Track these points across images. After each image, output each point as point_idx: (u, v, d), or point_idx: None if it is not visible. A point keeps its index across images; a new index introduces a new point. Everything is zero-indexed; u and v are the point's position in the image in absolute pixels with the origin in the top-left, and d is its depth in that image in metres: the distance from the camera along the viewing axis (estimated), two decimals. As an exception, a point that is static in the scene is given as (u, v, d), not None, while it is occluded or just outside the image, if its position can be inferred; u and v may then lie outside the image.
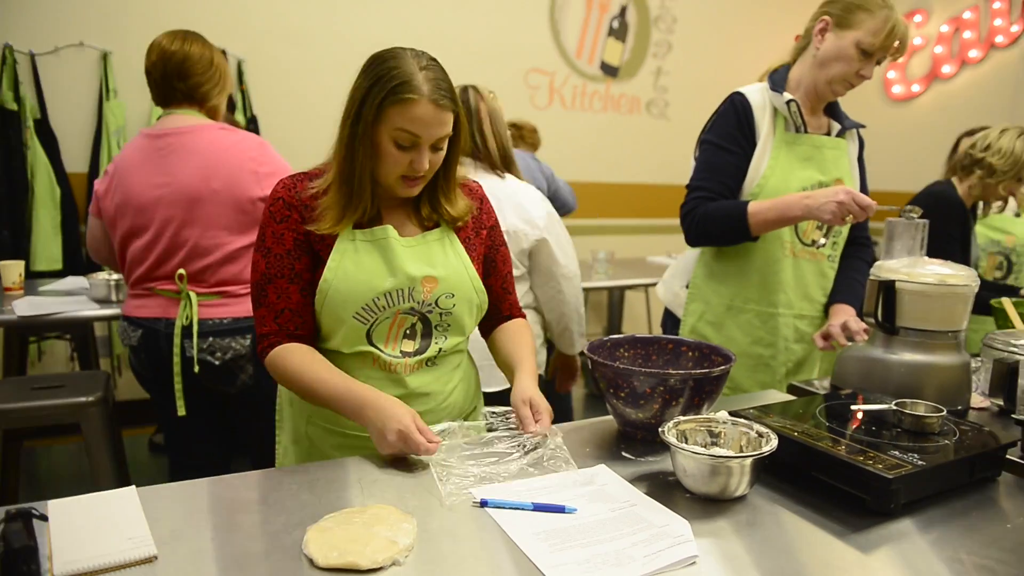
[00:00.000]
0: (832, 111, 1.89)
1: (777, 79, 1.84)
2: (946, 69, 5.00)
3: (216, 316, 1.89)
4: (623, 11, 4.87)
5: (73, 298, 2.60)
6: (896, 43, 1.67)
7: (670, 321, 2.04)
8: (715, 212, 1.78)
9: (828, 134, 1.88)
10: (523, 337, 1.46)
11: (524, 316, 1.53)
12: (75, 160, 3.53)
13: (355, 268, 1.26)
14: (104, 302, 2.53)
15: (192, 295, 1.87)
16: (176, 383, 1.89)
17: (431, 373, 1.35)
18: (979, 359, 1.61)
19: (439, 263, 1.32)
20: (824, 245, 1.86)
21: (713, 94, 5.76)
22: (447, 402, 1.38)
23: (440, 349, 1.35)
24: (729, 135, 1.81)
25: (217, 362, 1.90)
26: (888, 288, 1.46)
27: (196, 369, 1.88)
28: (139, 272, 1.90)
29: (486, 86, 2.20)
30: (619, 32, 4.89)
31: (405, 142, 1.21)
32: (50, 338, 3.48)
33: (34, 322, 2.34)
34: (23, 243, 3.33)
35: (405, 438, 1.13)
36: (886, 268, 1.50)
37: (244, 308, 1.92)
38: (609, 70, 4.91)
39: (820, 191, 1.66)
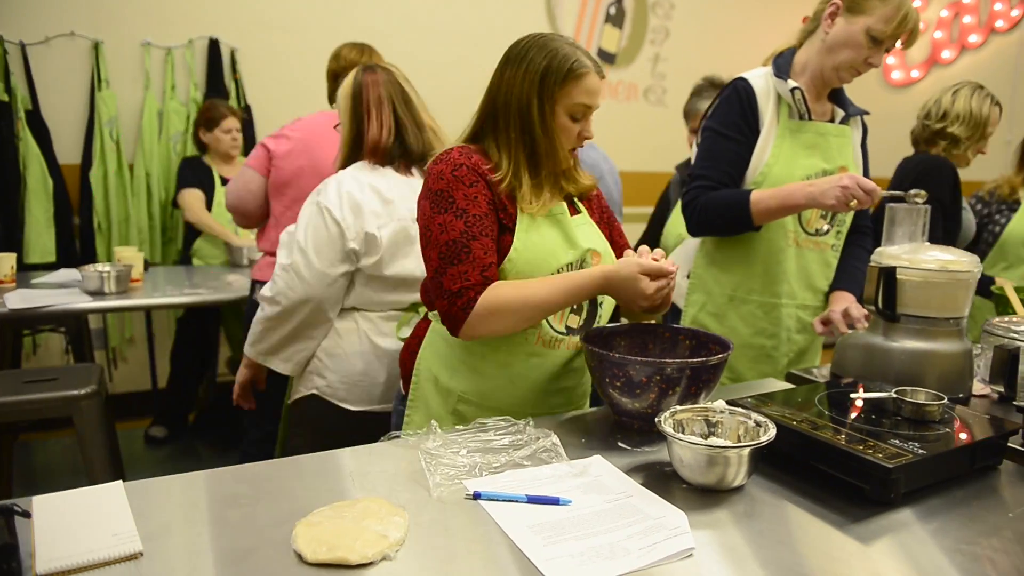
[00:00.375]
0: (836, 97, 1.86)
1: (782, 64, 1.81)
2: (946, 54, 4.97)
3: None
4: (620, -3, 4.83)
5: (66, 290, 2.58)
6: (907, 31, 1.64)
7: (671, 311, 2.01)
8: (717, 201, 1.75)
9: (832, 120, 1.84)
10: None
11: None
12: (67, 151, 3.50)
13: (540, 240, 1.33)
14: (97, 294, 2.51)
15: None
16: None
17: (579, 359, 1.42)
18: (980, 346, 1.60)
19: (597, 238, 1.43)
20: (828, 232, 1.84)
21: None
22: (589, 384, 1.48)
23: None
24: (732, 123, 1.78)
25: None
26: (889, 275, 1.44)
27: None
28: None
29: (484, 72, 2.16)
30: (616, 18, 4.85)
31: (579, 113, 1.33)
32: (44, 331, 3.46)
33: (26, 315, 2.32)
34: (15, 235, 3.30)
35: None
36: (887, 254, 1.48)
37: None
38: (606, 57, 4.87)
39: (823, 179, 1.64)
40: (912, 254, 1.45)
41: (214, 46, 3.71)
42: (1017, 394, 1.37)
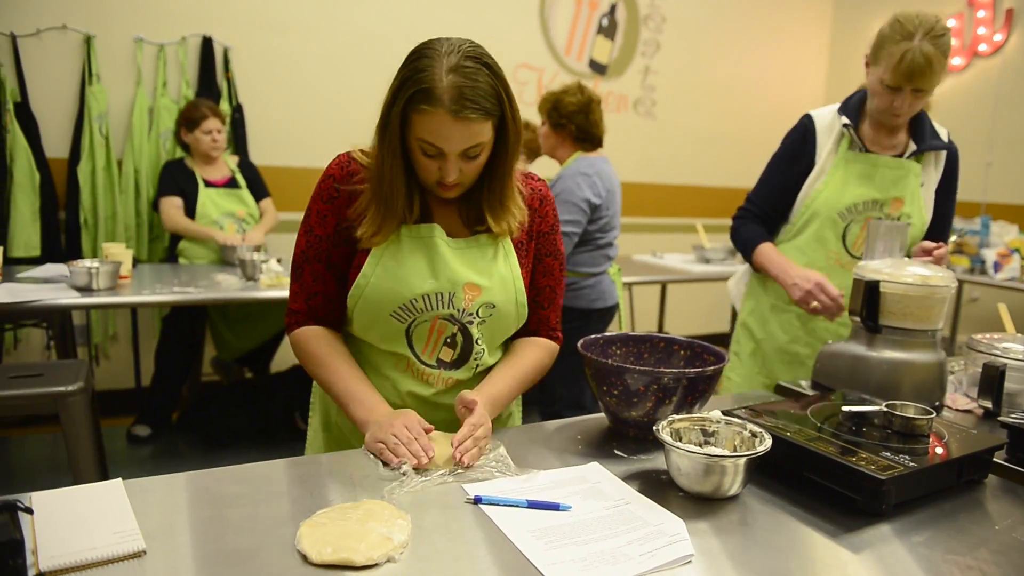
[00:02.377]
0: (917, 131, 1.91)
1: (851, 101, 1.94)
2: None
3: None
4: (612, 9, 4.87)
5: (51, 285, 2.55)
6: (911, 75, 1.70)
7: (735, 314, 2.27)
8: (741, 235, 2.03)
9: (902, 155, 1.91)
10: (525, 355, 1.35)
11: (557, 340, 1.42)
12: (56, 145, 3.47)
13: (396, 265, 1.22)
14: (85, 290, 2.49)
15: None
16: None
17: (453, 392, 1.30)
18: (962, 361, 1.64)
19: (485, 270, 1.26)
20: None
21: (700, 94, 5.82)
22: None
23: (477, 366, 1.30)
24: (788, 155, 1.98)
25: None
26: (872, 288, 1.50)
27: None
28: None
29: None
30: (608, 30, 4.89)
31: (430, 152, 1.16)
32: (26, 326, 3.41)
33: (11, 309, 2.29)
34: (0, 229, 3.27)
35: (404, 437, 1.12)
36: (869, 269, 1.54)
37: None
38: (597, 68, 4.91)
39: (805, 272, 1.83)
40: (893, 269, 1.51)
41: (207, 44, 3.70)
42: (1003, 410, 1.41)
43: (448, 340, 1.27)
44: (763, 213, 2.01)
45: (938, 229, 1.95)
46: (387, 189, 1.19)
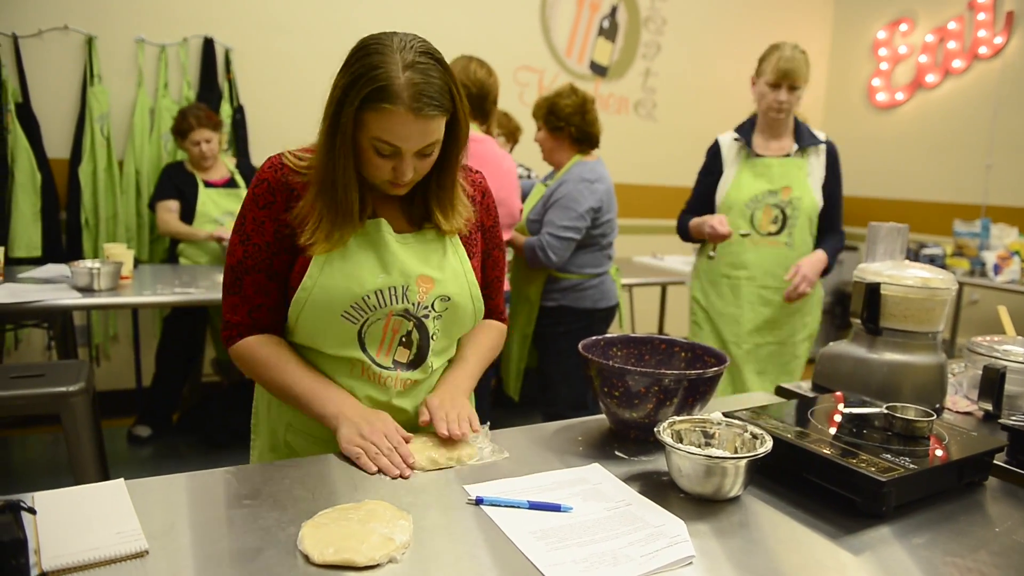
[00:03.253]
0: (797, 133, 2.62)
1: (745, 123, 2.67)
2: (930, 78, 5.07)
3: None
4: (613, 11, 4.88)
5: (53, 286, 2.56)
6: (784, 73, 2.45)
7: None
8: (680, 224, 2.77)
9: (788, 155, 2.59)
10: (482, 336, 1.40)
11: (505, 321, 1.50)
12: (57, 146, 3.47)
13: (343, 263, 1.17)
14: (86, 290, 2.49)
15: None
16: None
17: (422, 395, 1.28)
18: (963, 363, 1.64)
19: (436, 263, 1.24)
20: (780, 233, 2.59)
21: (700, 96, 5.82)
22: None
23: (434, 364, 1.28)
24: (705, 169, 2.75)
25: None
26: (873, 290, 1.50)
27: None
28: None
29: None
30: (609, 32, 4.90)
31: (385, 151, 1.13)
32: (27, 326, 3.42)
33: (12, 310, 2.30)
34: (1, 229, 3.27)
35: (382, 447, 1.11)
36: (870, 271, 1.54)
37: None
38: (598, 69, 4.92)
39: (709, 217, 2.56)
40: (894, 271, 1.51)
41: (209, 45, 3.71)
42: (1003, 412, 1.41)
43: (403, 339, 1.24)
44: (695, 212, 2.72)
45: (829, 211, 2.60)
46: (341, 194, 1.15)
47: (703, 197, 2.70)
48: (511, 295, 2.85)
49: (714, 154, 2.69)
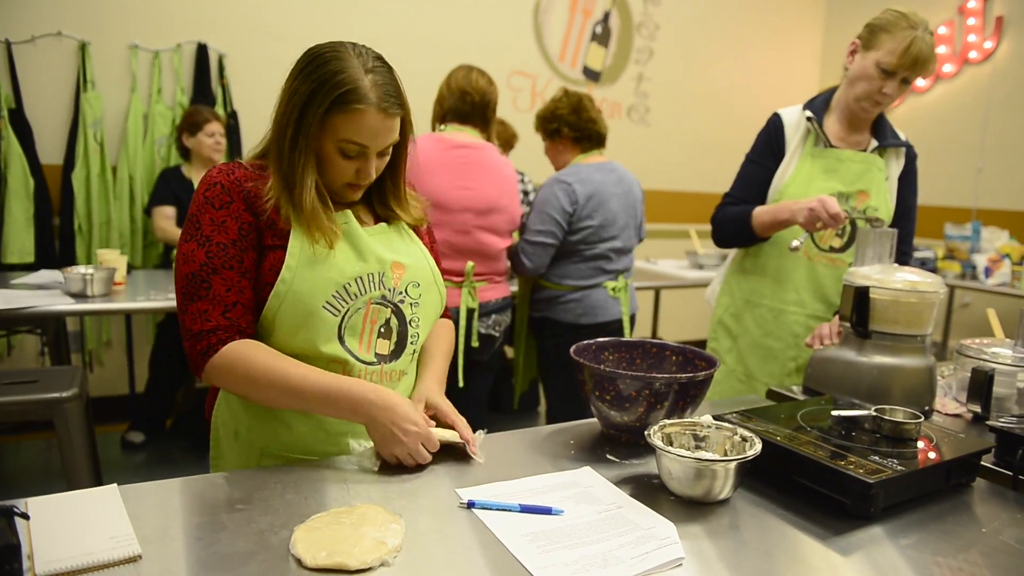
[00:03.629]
0: (878, 128, 2.00)
1: (817, 99, 2.04)
2: (920, 83, 5.10)
3: (490, 298, 2.41)
4: (606, 16, 4.90)
5: (46, 292, 2.55)
6: (913, 61, 1.77)
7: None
8: (727, 216, 2.05)
9: (865, 150, 1.98)
10: (443, 337, 1.44)
11: (449, 317, 1.52)
12: (50, 151, 3.47)
13: (316, 255, 1.17)
14: (79, 296, 2.49)
15: (475, 284, 2.35)
16: (460, 358, 2.34)
17: (400, 386, 1.30)
18: (952, 366, 1.66)
19: (403, 251, 1.29)
20: (844, 250, 1.98)
21: (693, 101, 5.85)
22: None
23: (415, 352, 1.31)
24: (760, 150, 2.07)
25: (496, 334, 2.44)
26: (862, 294, 1.52)
27: (475, 343, 2.37)
28: None
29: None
30: (602, 37, 4.92)
31: (351, 152, 1.17)
32: (20, 332, 3.41)
33: (5, 316, 2.29)
34: (-6, 235, 3.27)
35: (417, 442, 1.13)
36: (859, 275, 1.56)
37: (503, 290, 2.49)
38: (591, 74, 4.94)
39: (804, 200, 1.81)
40: (883, 275, 1.53)
41: (202, 51, 3.71)
42: (991, 414, 1.43)
43: (382, 330, 1.23)
44: (741, 203, 2.05)
45: (903, 220, 2.01)
46: (298, 191, 1.17)
47: (755, 186, 2.04)
48: (518, 303, 2.76)
49: (774, 132, 2.04)
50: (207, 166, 3.42)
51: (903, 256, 1.99)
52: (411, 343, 1.28)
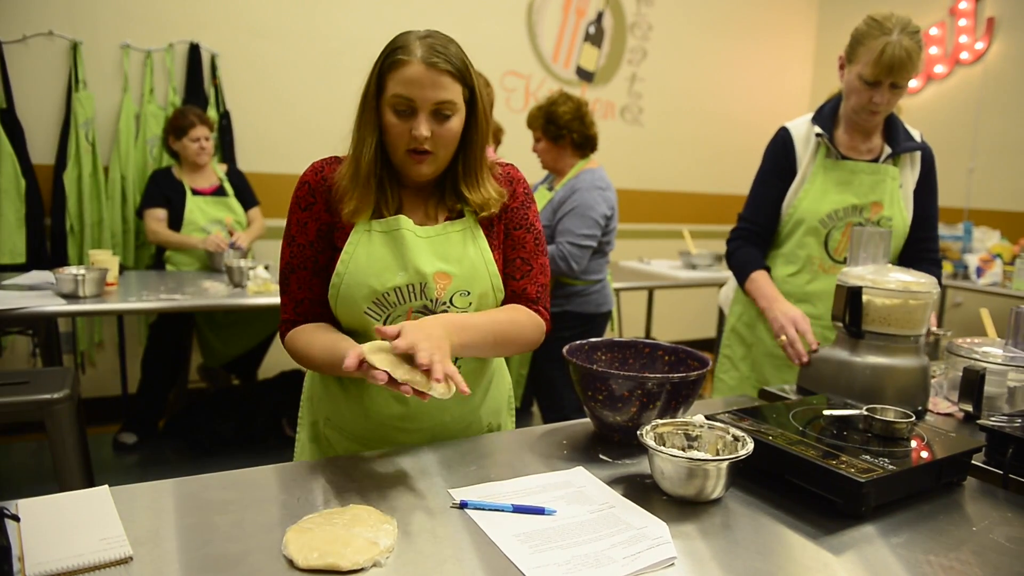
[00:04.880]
0: (891, 133, 1.95)
1: (825, 109, 1.99)
2: (912, 83, 5.12)
3: None
4: (600, 17, 4.91)
5: (37, 292, 2.54)
6: (890, 69, 1.73)
7: (722, 319, 2.27)
8: (736, 259, 2.03)
9: (877, 159, 1.94)
10: (503, 311, 1.29)
11: (542, 314, 1.36)
12: (41, 152, 3.45)
13: (367, 260, 1.22)
14: (71, 297, 2.48)
15: None
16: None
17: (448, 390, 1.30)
18: (943, 365, 1.66)
19: (455, 257, 1.26)
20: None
21: (686, 101, 5.86)
22: (462, 421, 1.35)
23: (458, 362, 1.28)
24: (770, 169, 2.02)
25: None
26: (855, 294, 1.52)
27: None
28: None
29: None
30: (595, 38, 4.92)
31: (402, 107, 1.19)
32: (11, 333, 3.39)
33: (-3, 316, 2.28)
34: (-15, 236, 3.25)
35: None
36: (853, 275, 1.56)
37: None
38: (585, 75, 4.94)
39: (787, 310, 1.77)
40: (876, 275, 1.53)
41: (194, 51, 3.70)
42: (982, 413, 1.44)
43: None
44: (758, 228, 2.02)
45: (922, 228, 1.96)
46: (365, 163, 1.22)
47: (767, 206, 2.00)
48: None
49: (783, 149, 1.99)
50: (195, 169, 3.41)
51: (933, 266, 1.94)
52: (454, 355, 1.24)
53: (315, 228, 1.26)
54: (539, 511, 1.01)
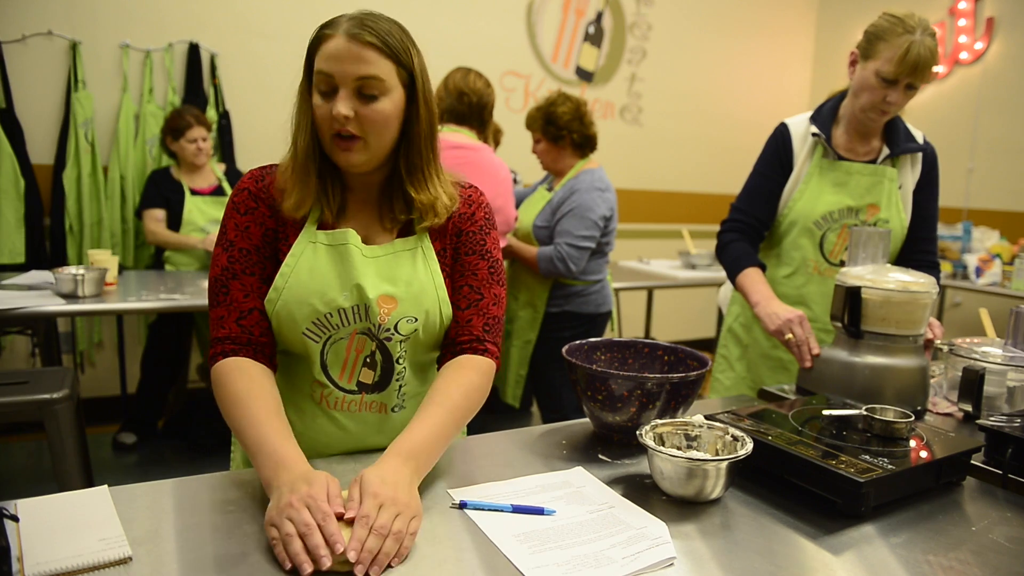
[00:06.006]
0: (891, 134, 1.91)
1: (824, 109, 1.94)
2: (912, 83, 5.13)
3: None
4: (599, 17, 4.91)
5: (36, 292, 2.54)
6: (912, 68, 1.69)
7: (721, 319, 2.25)
8: (726, 254, 1.98)
9: (875, 160, 1.91)
10: (451, 387, 1.14)
11: (487, 353, 1.21)
12: (41, 151, 3.45)
13: (309, 276, 1.13)
14: (70, 297, 2.48)
15: None
16: None
17: (387, 422, 1.21)
18: (943, 365, 1.66)
19: (403, 279, 1.16)
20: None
21: (685, 101, 5.86)
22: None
23: (401, 387, 1.20)
24: (767, 162, 1.98)
25: None
26: (854, 294, 1.52)
27: None
28: None
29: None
30: (595, 37, 4.93)
31: (323, 86, 1.10)
32: (11, 333, 3.39)
33: (-4, 316, 2.28)
34: (-16, 236, 3.25)
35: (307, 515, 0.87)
36: (852, 275, 1.56)
37: None
38: (584, 75, 4.94)
39: (785, 311, 1.71)
40: (875, 275, 1.53)
41: (194, 50, 3.70)
42: (982, 413, 1.44)
43: (368, 360, 1.17)
44: (750, 220, 1.98)
45: (921, 229, 1.93)
46: (301, 152, 1.14)
47: (761, 200, 1.97)
48: (510, 301, 2.86)
49: (781, 144, 1.96)
50: (193, 169, 3.41)
51: (931, 269, 1.90)
52: (397, 380, 1.19)
53: (259, 233, 1.15)
54: (538, 511, 1.01)
